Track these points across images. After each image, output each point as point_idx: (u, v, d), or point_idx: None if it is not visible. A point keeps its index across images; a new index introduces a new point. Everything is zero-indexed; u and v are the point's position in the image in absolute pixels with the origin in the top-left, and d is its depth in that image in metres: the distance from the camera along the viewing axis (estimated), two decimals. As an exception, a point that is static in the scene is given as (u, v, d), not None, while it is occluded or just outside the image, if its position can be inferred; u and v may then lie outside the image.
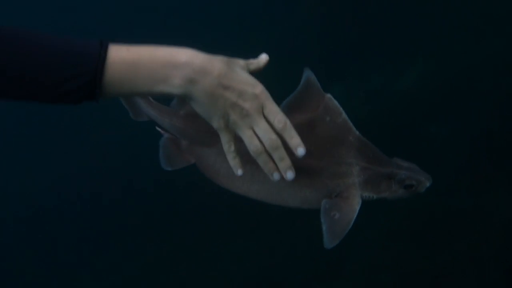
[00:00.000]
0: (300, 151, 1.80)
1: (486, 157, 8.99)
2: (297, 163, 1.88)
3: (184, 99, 1.76)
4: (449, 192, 8.92)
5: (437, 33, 10.43)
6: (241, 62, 1.83)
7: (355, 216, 2.05)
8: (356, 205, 2.08)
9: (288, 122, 1.75)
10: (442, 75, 10.13)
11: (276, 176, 1.83)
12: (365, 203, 2.10)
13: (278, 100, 1.91)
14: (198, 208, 9.30)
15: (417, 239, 7.26)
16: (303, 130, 1.89)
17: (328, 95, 2.16)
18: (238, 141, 1.88)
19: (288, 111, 1.98)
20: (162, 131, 2.38)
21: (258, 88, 1.78)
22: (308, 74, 2.19)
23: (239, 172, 1.86)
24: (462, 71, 9.78)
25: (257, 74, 1.86)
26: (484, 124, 9.52)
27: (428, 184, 2.11)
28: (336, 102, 2.14)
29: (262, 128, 1.75)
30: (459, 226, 7.23)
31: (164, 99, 2.47)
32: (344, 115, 2.12)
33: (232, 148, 1.83)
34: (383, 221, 7.47)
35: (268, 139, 1.76)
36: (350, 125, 2.12)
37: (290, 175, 1.83)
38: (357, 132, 2.10)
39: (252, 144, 1.78)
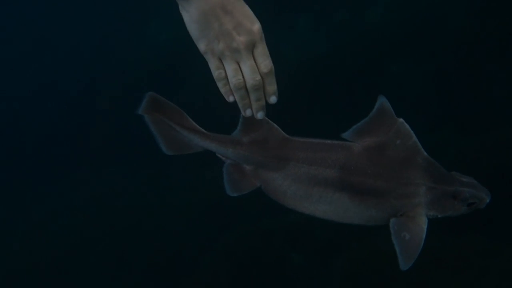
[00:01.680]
0: (273, 99, 1.91)
1: (438, 96, 9.12)
2: (365, 184, 2.03)
3: (181, 2, 1.74)
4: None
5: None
6: None
7: (424, 236, 2.11)
8: (423, 224, 2.12)
9: (273, 69, 1.79)
10: (408, 11, 9.94)
11: (248, 112, 1.92)
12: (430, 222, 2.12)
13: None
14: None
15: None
16: (373, 152, 2.05)
17: (401, 120, 2.20)
18: (302, 165, 2.08)
19: (359, 135, 2.13)
20: (223, 158, 2.35)
21: (256, 26, 1.80)
22: (382, 101, 2.23)
23: (231, 98, 1.92)
24: (428, 7, 9.62)
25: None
26: (443, 64, 9.56)
27: (488, 200, 2.14)
28: (407, 126, 2.19)
29: (249, 66, 1.80)
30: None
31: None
32: (414, 138, 2.17)
33: (223, 75, 1.85)
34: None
35: (251, 79, 1.81)
36: (419, 147, 2.17)
37: (260, 115, 1.92)
38: (425, 153, 2.17)
39: (235, 77, 1.82)
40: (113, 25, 12.41)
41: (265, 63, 1.85)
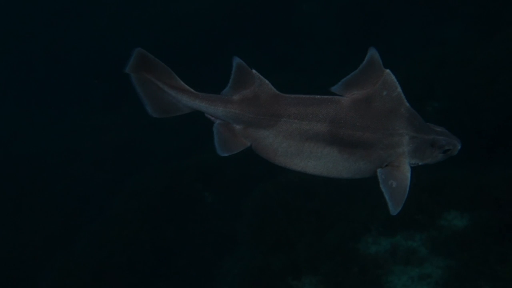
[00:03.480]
0: None
1: (345, 35, 9.36)
2: (354, 137, 2.07)
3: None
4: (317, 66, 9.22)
5: None
6: None
7: (409, 183, 2.19)
8: (407, 172, 2.21)
9: None
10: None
11: None
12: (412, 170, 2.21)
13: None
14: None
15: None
16: (361, 105, 2.08)
17: (387, 71, 2.22)
18: (293, 121, 2.08)
19: (348, 87, 2.12)
20: (212, 118, 2.28)
21: None
22: (372, 52, 2.23)
23: None
24: None
25: None
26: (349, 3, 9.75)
27: (459, 147, 2.25)
28: (393, 77, 2.21)
29: None
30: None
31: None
32: (399, 89, 2.20)
33: None
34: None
35: None
36: (403, 98, 2.21)
37: None
38: (408, 104, 2.21)
39: None
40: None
41: None
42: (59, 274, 7.43)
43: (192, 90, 2.28)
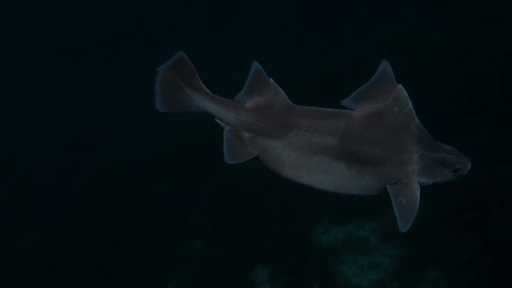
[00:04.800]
0: None
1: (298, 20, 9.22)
2: (364, 152, 2.06)
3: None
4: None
5: None
6: None
7: (418, 200, 2.19)
8: (416, 191, 2.20)
9: None
10: None
11: None
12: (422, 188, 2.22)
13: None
14: None
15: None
16: (372, 120, 2.07)
17: (400, 86, 2.21)
18: (304, 133, 2.07)
19: (359, 101, 2.10)
20: (222, 124, 2.26)
21: None
22: (385, 65, 2.24)
23: None
24: None
25: None
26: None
27: (470, 166, 2.25)
28: (405, 93, 2.20)
29: None
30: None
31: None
32: (410, 105, 2.18)
33: None
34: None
35: None
36: (414, 114, 2.20)
37: None
38: (418, 121, 2.21)
39: None
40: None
41: None
42: (12, 265, 7.31)
43: (209, 92, 2.26)
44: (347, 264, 5.88)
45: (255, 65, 2.13)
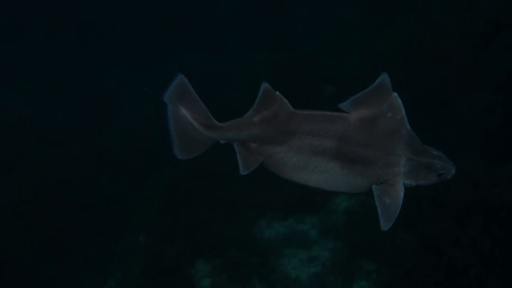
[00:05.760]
0: None
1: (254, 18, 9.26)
2: (356, 154, 2.21)
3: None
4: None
5: None
6: None
7: (401, 201, 2.33)
8: (401, 192, 2.35)
9: None
10: None
11: None
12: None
13: None
14: None
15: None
16: (367, 123, 2.23)
17: (395, 94, 2.37)
18: (306, 137, 2.23)
19: (355, 105, 2.25)
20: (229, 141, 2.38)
21: None
22: (384, 77, 2.39)
23: None
24: None
25: None
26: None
27: (453, 172, 2.41)
28: (400, 101, 2.36)
29: None
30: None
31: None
32: (403, 111, 2.33)
33: None
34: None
35: None
36: (406, 120, 2.35)
37: None
38: (409, 126, 2.35)
39: None
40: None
41: None
42: None
43: (218, 123, 2.35)
44: (287, 258, 5.98)
45: (264, 85, 2.24)
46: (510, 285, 4.35)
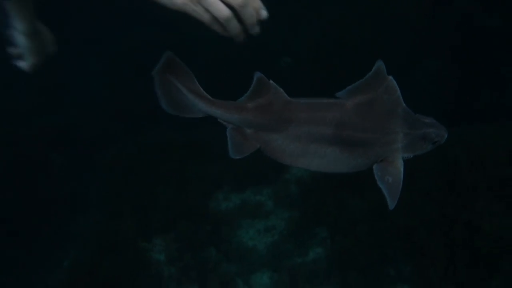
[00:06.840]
0: (263, 12, 2.05)
1: None
2: (355, 138, 2.26)
3: None
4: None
5: None
6: None
7: (402, 176, 2.37)
8: (400, 167, 2.39)
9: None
10: None
11: (240, 37, 2.08)
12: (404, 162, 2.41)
13: None
14: None
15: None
16: (364, 108, 2.28)
17: (390, 77, 2.40)
18: (303, 125, 2.22)
19: (352, 93, 2.29)
20: (225, 123, 2.35)
21: None
22: (379, 65, 2.42)
23: (238, 38, 2.10)
24: None
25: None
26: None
27: (446, 136, 2.46)
28: (395, 82, 2.39)
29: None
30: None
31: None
32: (398, 92, 2.38)
33: (212, 17, 1.98)
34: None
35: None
36: (401, 100, 2.40)
37: (257, 28, 2.08)
38: (404, 104, 2.40)
39: (221, 10, 1.95)
40: None
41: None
42: None
43: (209, 96, 2.37)
44: (244, 228, 6.04)
45: (257, 75, 2.25)
46: (452, 244, 4.52)
